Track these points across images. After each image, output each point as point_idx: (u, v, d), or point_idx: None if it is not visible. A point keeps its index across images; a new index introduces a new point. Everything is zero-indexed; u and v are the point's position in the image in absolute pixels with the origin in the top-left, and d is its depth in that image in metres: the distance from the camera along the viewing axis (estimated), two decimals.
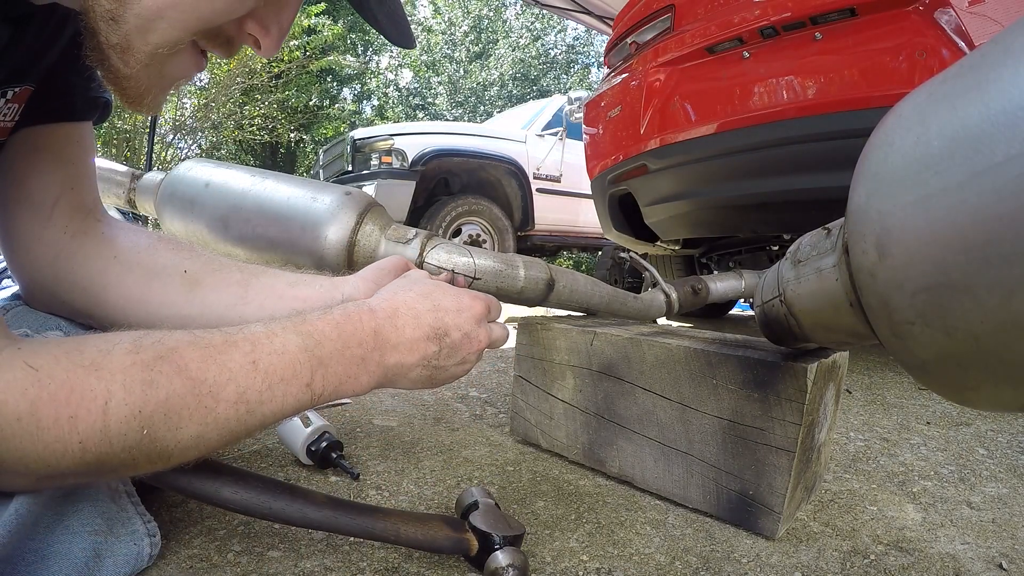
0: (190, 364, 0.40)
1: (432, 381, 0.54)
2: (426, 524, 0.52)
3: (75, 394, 0.35)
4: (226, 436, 0.41)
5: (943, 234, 0.29)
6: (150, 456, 0.38)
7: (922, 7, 1.21)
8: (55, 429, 0.34)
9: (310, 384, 0.44)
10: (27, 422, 0.34)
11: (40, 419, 0.34)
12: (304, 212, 0.78)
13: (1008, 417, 1.17)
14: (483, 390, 1.25)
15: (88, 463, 0.36)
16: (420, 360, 0.50)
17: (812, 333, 0.55)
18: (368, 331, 0.48)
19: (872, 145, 0.37)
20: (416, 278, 0.57)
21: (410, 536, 0.51)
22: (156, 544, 0.52)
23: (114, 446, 0.36)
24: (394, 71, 16.63)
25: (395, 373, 0.50)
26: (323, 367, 0.45)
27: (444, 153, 3.92)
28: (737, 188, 1.58)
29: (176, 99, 7.94)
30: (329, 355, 0.45)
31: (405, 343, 0.49)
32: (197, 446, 0.40)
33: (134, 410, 0.36)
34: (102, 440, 0.36)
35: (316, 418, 0.77)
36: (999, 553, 0.63)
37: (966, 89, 0.29)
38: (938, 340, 0.32)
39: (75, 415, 0.35)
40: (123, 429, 0.36)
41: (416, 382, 0.53)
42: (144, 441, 0.37)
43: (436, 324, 0.51)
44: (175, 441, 0.39)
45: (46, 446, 0.34)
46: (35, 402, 0.34)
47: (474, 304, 0.54)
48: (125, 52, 0.43)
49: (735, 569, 0.57)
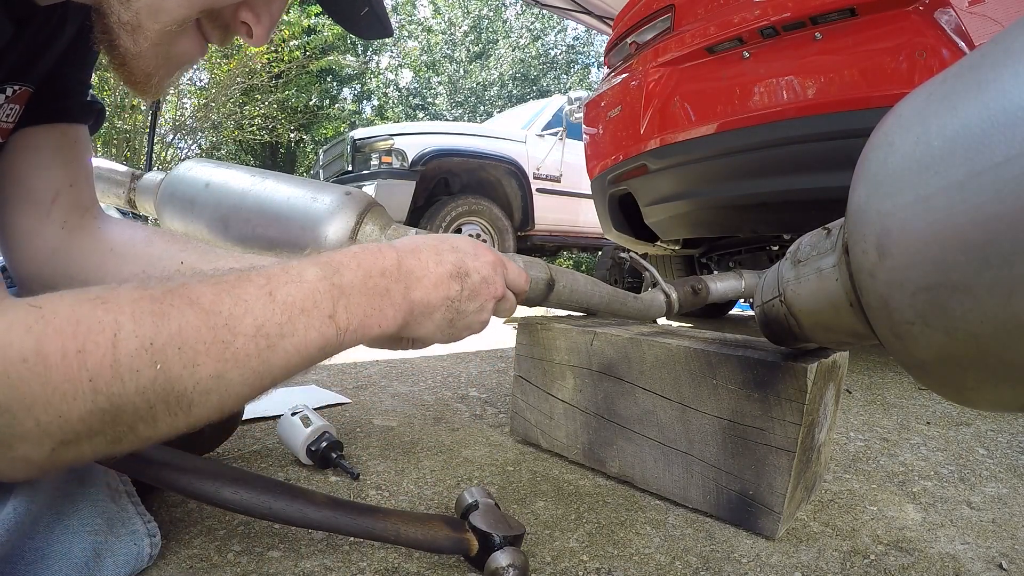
0: (202, 297, 0.37)
1: (452, 327, 0.51)
2: (426, 524, 0.52)
3: (82, 326, 0.32)
4: (249, 377, 0.38)
5: (943, 234, 0.29)
6: (168, 401, 0.35)
7: (922, 7, 1.21)
8: (63, 367, 0.31)
9: (333, 316, 0.41)
10: (33, 362, 0.31)
11: (47, 356, 0.31)
12: (304, 212, 0.78)
13: (1008, 417, 1.17)
14: (483, 390, 1.25)
15: (102, 410, 0.33)
16: (444, 299, 0.48)
17: (812, 333, 0.55)
18: (391, 261, 0.46)
19: (872, 145, 0.37)
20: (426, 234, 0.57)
21: (410, 536, 0.51)
22: (156, 544, 0.52)
23: (127, 385, 0.33)
24: (394, 71, 16.63)
25: (420, 311, 0.48)
26: (345, 297, 0.42)
27: (444, 153, 3.92)
28: (737, 188, 1.58)
29: (176, 99, 7.94)
30: (351, 284, 0.43)
31: (430, 277, 0.48)
32: (219, 389, 0.37)
33: (145, 342, 0.34)
34: (114, 377, 0.33)
35: (316, 418, 0.77)
36: (999, 553, 0.63)
37: (966, 89, 0.29)
38: (938, 340, 0.32)
39: (83, 348, 0.32)
40: (135, 364, 0.33)
41: (438, 328, 0.50)
42: (159, 379, 0.34)
43: (457, 263, 0.50)
44: (193, 381, 0.35)
45: (55, 388, 0.31)
46: (40, 338, 0.31)
47: (489, 252, 0.54)
48: (135, 31, 0.44)
49: (735, 569, 0.57)
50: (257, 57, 7.94)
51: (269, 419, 0.95)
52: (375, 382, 1.27)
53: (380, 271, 0.45)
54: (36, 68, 0.56)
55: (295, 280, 0.41)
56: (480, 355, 1.65)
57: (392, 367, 1.43)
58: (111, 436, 0.35)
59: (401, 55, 16.53)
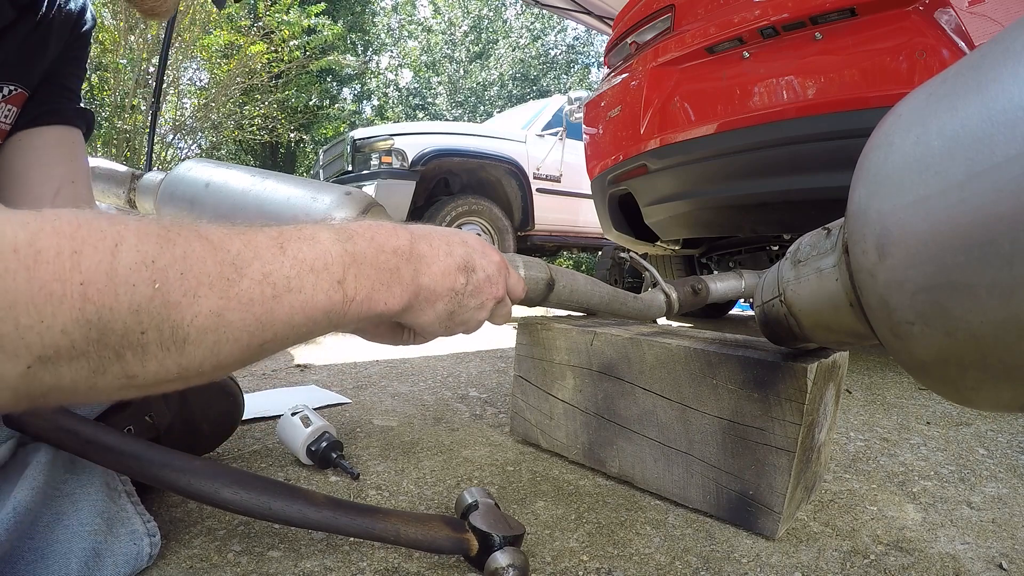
0: (212, 235, 0.35)
1: (451, 320, 0.51)
2: (426, 524, 0.52)
3: (82, 229, 0.30)
4: (250, 323, 0.35)
5: (943, 234, 0.29)
6: (161, 329, 0.32)
7: (922, 7, 1.21)
8: (55, 264, 0.28)
9: (342, 281, 0.40)
10: (24, 253, 0.28)
11: (40, 251, 0.28)
12: (304, 212, 0.78)
13: (1008, 417, 1.17)
14: (483, 390, 1.25)
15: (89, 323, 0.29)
16: (449, 290, 0.49)
17: (812, 333, 0.55)
18: (404, 242, 0.45)
19: (872, 145, 0.37)
20: None
21: (410, 536, 0.51)
22: (156, 544, 0.52)
23: (120, 299, 0.30)
24: (394, 71, 16.63)
25: (424, 297, 0.47)
26: (356, 265, 0.41)
27: (444, 153, 3.92)
28: (737, 188, 1.58)
29: (176, 99, 7.94)
30: (363, 253, 0.42)
31: (439, 265, 0.48)
32: (216, 329, 0.34)
33: (147, 258, 0.31)
34: (107, 286, 0.30)
35: (316, 418, 0.77)
36: (999, 553, 0.63)
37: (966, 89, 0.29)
38: (938, 340, 0.32)
39: (79, 250, 0.29)
40: (132, 278, 0.30)
41: (438, 318, 0.50)
42: (156, 301, 0.31)
43: (466, 256, 0.50)
44: (192, 313, 0.33)
45: (42, 287, 0.28)
46: (37, 233, 0.28)
47: (495, 252, 0.55)
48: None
49: (735, 569, 0.57)
50: (257, 57, 7.94)
51: (269, 419, 0.96)
52: (375, 382, 1.27)
53: (392, 249, 0.44)
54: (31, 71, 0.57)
55: (308, 239, 0.40)
56: (480, 355, 1.65)
57: (392, 367, 1.43)
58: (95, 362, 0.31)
59: (401, 55, 16.53)
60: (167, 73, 5.94)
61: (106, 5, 6.70)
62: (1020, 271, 0.26)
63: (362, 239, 0.43)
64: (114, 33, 6.69)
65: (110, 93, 6.83)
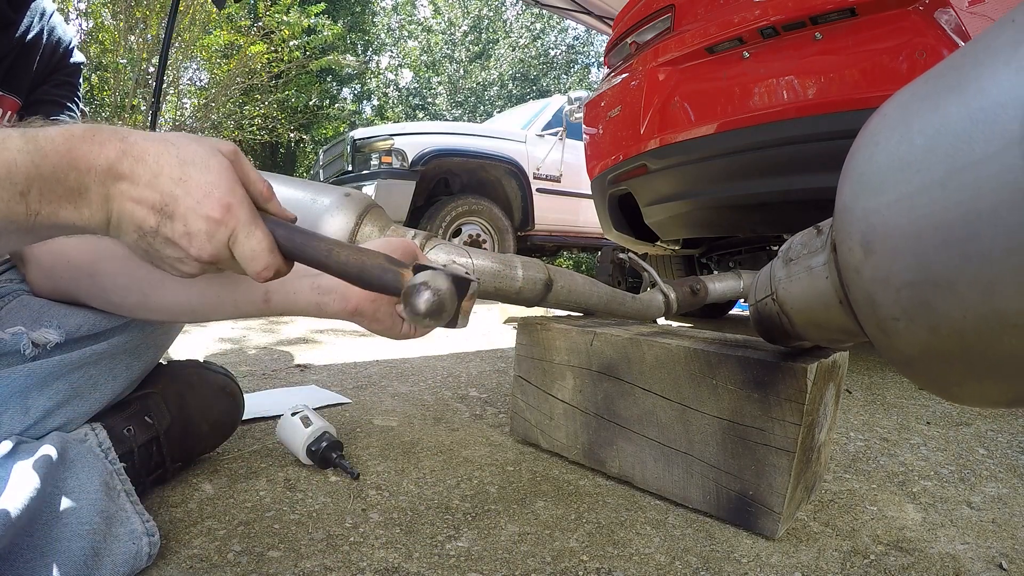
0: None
1: (148, 257, 0.44)
2: (366, 253, 0.43)
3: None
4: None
5: (925, 231, 0.29)
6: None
7: (922, 7, 1.20)
8: None
9: (25, 194, 0.38)
10: None
11: None
12: (304, 213, 0.78)
13: (1008, 417, 1.17)
14: (483, 390, 1.25)
15: None
16: (135, 226, 0.41)
17: (804, 331, 0.55)
18: (104, 160, 0.40)
19: (858, 145, 0.37)
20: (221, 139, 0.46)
21: (340, 260, 0.42)
22: (155, 543, 0.52)
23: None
24: (394, 71, 16.63)
25: (115, 224, 0.42)
26: (42, 179, 0.39)
27: (444, 153, 3.92)
28: (737, 188, 1.58)
29: (176, 99, 7.94)
30: (52, 169, 0.38)
31: (136, 191, 0.40)
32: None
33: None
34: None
35: (316, 418, 0.77)
36: (999, 553, 0.63)
37: (947, 89, 0.30)
38: (922, 336, 0.32)
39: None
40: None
41: (137, 249, 0.44)
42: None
43: (167, 197, 0.40)
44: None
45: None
46: None
47: (223, 210, 0.41)
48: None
49: (735, 569, 0.57)
50: (257, 57, 7.94)
51: (269, 419, 0.95)
52: (375, 382, 1.27)
53: (87, 167, 0.39)
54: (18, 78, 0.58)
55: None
56: (480, 355, 1.65)
57: (392, 367, 1.43)
58: None
59: (401, 55, 16.52)
60: (167, 73, 5.94)
61: (106, 5, 6.70)
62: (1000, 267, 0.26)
63: (55, 154, 0.39)
64: (114, 33, 6.69)
65: (110, 93, 6.83)
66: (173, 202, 0.41)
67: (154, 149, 0.41)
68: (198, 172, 0.41)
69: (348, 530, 0.61)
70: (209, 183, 0.41)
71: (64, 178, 0.39)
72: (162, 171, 0.40)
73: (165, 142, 0.42)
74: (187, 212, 0.41)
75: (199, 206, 0.41)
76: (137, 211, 0.40)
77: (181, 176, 0.41)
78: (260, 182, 0.44)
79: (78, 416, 0.58)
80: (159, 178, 0.40)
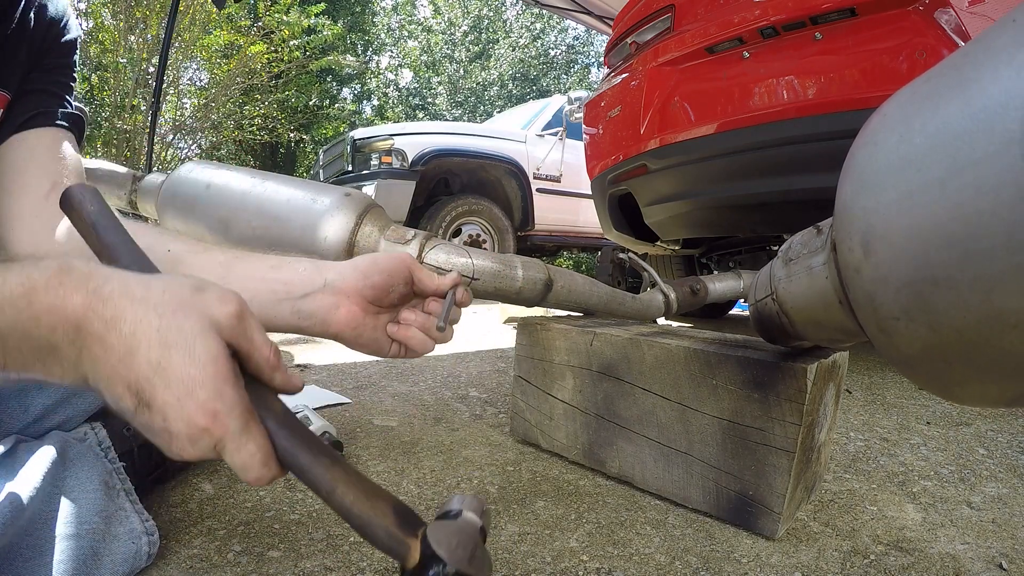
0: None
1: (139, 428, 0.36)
2: (374, 499, 0.38)
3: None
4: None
5: (925, 230, 0.29)
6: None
7: (922, 7, 1.20)
8: None
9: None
10: None
11: None
12: (304, 213, 0.78)
13: (1008, 417, 1.17)
14: (483, 390, 1.25)
15: None
16: (113, 400, 0.35)
17: (804, 330, 0.55)
18: (70, 318, 0.34)
19: (858, 144, 0.37)
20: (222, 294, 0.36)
21: (343, 504, 0.37)
22: (155, 543, 0.52)
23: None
24: (394, 71, 16.62)
25: (95, 388, 0.35)
26: (2, 339, 0.33)
27: (444, 153, 3.92)
28: (737, 188, 1.58)
29: (176, 99, 7.94)
30: (13, 325, 0.33)
31: (109, 365, 0.34)
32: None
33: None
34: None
35: (316, 419, 0.77)
36: (999, 553, 0.63)
37: (948, 88, 0.30)
38: (922, 335, 0.32)
39: None
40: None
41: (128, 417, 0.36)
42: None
43: (144, 380, 0.33)
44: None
45: None
46: None
47: (214, 406, 0.34)
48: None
49: (735, 569, 0.57)
50: (257, 57, 7.94)
51: None
52: (375, 382, 1.27)
53: (51, 325, 0.33)
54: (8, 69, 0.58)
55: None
56: (480, 355, 1.65)
57: (392, 367, 1.43)
58: None
59: (401, 55, 16.52)
60: (167, 73, 5.94)
61: (106, 5, 6.70)
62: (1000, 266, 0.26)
63: (11, 308, 0.33)
64: (114, 33, 6.69)
65: (110, 93, 6.83)
66: (151, 389, 0.34)
67: (132, 314, 0.34)
68: (181, 360, 0.34)
69: (348, 530, 0.61)
70: (192, 379, 0.34)
71: (28, 335, 0.33)
72: (138, 348, 0.33)
73: (146, 305, 0.34)
74: (165, 407, 0.34)
75: (180, 404, 0.34)
76: (112, 386, 0.34)
77: (160, 361, 0.34)
78: (265, 347, 0.37)
79: (77, 414, 0.58)
80: (134, 357, 0.34)
